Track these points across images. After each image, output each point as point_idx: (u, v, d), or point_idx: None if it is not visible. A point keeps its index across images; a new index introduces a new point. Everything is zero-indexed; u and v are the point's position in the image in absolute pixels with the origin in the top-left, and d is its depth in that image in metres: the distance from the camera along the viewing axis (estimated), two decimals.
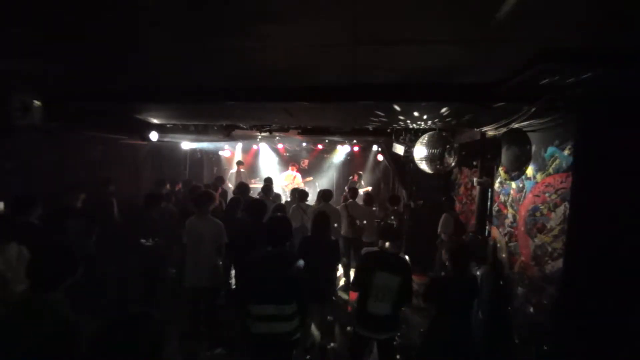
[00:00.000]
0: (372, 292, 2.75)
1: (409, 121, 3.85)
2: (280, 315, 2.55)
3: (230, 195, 5.99)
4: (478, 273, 2.96)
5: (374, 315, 2.76)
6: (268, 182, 6.52)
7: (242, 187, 5.54)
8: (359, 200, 6.20)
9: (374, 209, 6.18)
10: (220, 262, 3.84)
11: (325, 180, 11.35)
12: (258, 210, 3.93)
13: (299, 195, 5.70)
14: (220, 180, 6.90)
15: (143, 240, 4.04)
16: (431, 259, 5.59)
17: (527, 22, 1.53)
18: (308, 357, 3.60)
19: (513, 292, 3.06)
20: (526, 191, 3.02)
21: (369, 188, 9.18)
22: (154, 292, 4.20)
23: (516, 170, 3.17)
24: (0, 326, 1.64)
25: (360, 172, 9.79)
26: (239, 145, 10.44)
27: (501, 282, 3.23)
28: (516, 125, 2.95)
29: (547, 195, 2.69)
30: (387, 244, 2.90)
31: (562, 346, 2.46)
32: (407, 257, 2.91)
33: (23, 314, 1.65)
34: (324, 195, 5.56)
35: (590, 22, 1.49)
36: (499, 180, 3.61)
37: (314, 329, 4.03)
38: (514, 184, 3.25)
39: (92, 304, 1.89)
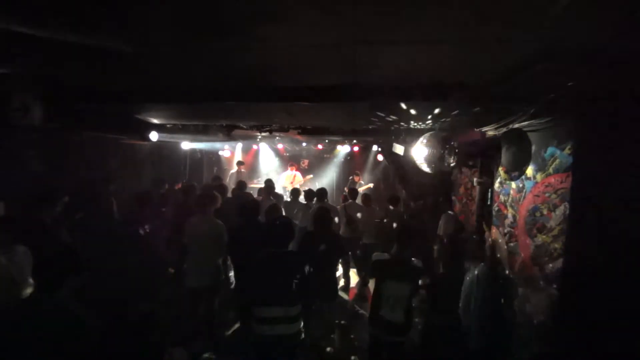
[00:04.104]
0: (384, 300, 2.74)
1: (408, 121, 3.85)
2: (286, 317, 2.54)
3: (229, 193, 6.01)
4: (476, 272, 2.96)
5: (386, 320, 2.76)
6: (269, 183, 6.53)
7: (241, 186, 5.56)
8: (359, 201, 6.20)
9: (375, 208, 6.18)
10: (221, 262, 3.84)
11: (326, 180, 11.34)
12: (251, 210, 3.92)
13: (306, 195, 5.72)
14: (218, 179, 6.90)
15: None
16: (431, 259, 5.59)
17: (527, 22, 1.53)
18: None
19: (513, 292, 3.06)
20: (526, 191, 3.02)
21: (371, 185, 9.16)
22: (154, 292, 4.20)
23: (516, 170, 3.17)
24: (11, 328, 1.64)
25: (358, 172, 9.79)
26: (239, 145, 10.44)
27: (500, 282, 3.22)
28: (516, 125, 2.95)
29: (547, 195, 2.69)
30: (395, 246, 2.87)
31: (562, 346, 2.46)
32: (419, 263, 2.84)
33: (32, 315, 1.66)
34: (319, 194, 5.56)
35: (591, 22, 1.49)
36: (499, 180, 3.60)
37: (313, 330, 4.03)
38: (514, 184, 3.25)
39: (92, 304, 1.90)
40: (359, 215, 5.71)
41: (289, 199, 6.48)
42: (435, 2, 1.41)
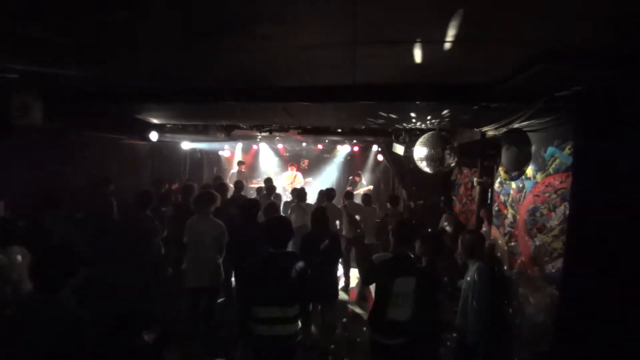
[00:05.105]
0: (392, 299, 2.68)
1: (408, 122, 3.85)
2: (284, 318, 2.54)
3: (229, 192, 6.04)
4: (475, 270, 2.97)
5: (394, 322, 2.70)
6: (269, 182, 6.55)
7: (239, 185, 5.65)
8: (359, 201, 6.21)
9: (374, 207, 6.18)
10: (221, 262, 3.84)
11: (326, 180, 11.35)
12: (251, 209, 3.92)
13: (297, 194, 5.71)
14: (219, 179, 6.92)
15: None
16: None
17: (527, 22, 1.53)
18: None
19: (513, 292, 3.06)
20: (526, 191, 3.02)
21: (371, 187, 9.17)
22: (154, 292, 4.20)
23: (516, 170, 3.17)
24: (11, 327, 1.65)
25: (359, 172, 9.80)
26: (239, 145, 10.44)
27: (499, 281, 3.22)
28: (516, 125, 2.95)
29: (547, 195, 2.69)
30: (392, 241, 2.86)
31: (562, 346, 2.46)
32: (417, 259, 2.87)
33: (32, 314, 1.66)
34: (327, 194, 5.56)
35: (590, 22, 1.49)
36: (499, 180, 3.60)
37: (313, 330, 4.03)
38: (514, 184, 3.25)
39: (92, 303, 1.90)
40: (359, 214, 5.71)
41: (289, 199, 6.48)
42: (435, 2, 1.41)
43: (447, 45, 1.83)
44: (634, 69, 1.80)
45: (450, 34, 1.68)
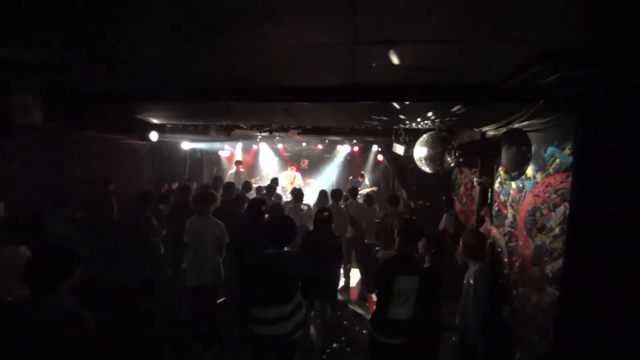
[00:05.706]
0: (394, 298, 2.68)
1: (408, 121, 3.85)
2: (281, 317, 2.55)
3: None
4: (475, 270, 2.97)
5: (395, 321, 2.70)
6: (273, 182, 6.57)
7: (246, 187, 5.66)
8: (360, 201, 6.20)
9: (375, 207, 6.18)
10: (221, 262, 3.85)
11: (326, 180, 11.35)
12: (258, 209, 3.93)
13: (295, 195, 5.72)
14: (219, 180, 6.92)
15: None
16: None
17: (527, 22, 1.53)
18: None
19: (513, 292, 3.06)
20: (526, 191, 3.02)
21: (374, 188, 9.18)
22: (153, 292, 4.21)
23: (516, 170, 3.17)
24: (10, 326, 1.65)
25: (362, 172, 9.80)
26: (239, 145, 10.45)
27: (500, 281, 3.23)
28: (516, 125, 2.95)
29: (547, 195, 2.69)
30: (397, 240, 2.87)
31: (562, 346, 2.46)
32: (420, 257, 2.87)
33: (31, 314, 1.66)
34: (334, 194, 5.56)
35: (590, 22, 1.49)
36: (499, 180, 3.60)
37: (313, 329, 4.03)
38: (514, 184, 3.25)
39: (92, 303, 1.90)
40: (360, 214, 5.71)
41: (288, 199, 6.49)
42: (436, 2, 1.41)
43: (447, 45, 1.83)
44: (634, 69, 1.80)
45: (450, 34, 1.68)
